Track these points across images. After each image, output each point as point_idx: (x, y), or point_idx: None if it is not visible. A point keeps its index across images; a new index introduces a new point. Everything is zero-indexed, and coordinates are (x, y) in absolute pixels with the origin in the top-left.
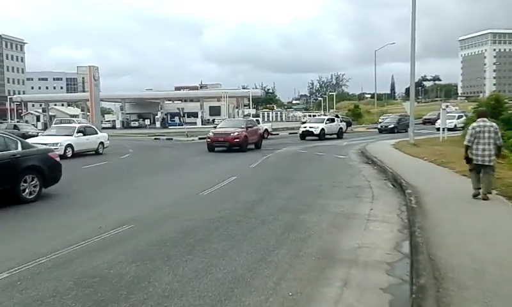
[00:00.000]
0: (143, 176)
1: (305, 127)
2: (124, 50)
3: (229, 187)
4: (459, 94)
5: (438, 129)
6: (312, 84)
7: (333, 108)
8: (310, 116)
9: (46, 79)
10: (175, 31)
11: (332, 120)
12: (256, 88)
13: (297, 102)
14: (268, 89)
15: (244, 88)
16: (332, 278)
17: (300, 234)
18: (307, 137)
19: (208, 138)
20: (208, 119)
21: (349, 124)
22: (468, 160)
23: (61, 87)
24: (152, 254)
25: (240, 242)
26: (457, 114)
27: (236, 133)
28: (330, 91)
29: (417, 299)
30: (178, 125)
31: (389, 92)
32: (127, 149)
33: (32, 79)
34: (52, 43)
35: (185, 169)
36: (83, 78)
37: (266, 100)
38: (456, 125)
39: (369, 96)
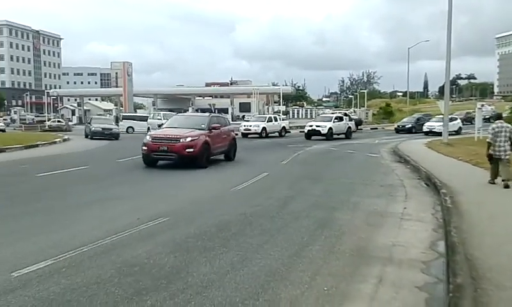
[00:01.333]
0: (176, 171)
1: (311, 126)
2: (156, 47)
3: (261, 183)
4: (495, 94)
5: (426, 133)
6: (343, 81)
7: (364, 106)
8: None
9: (81, 74)
10: (207, 27)
11: (340, 119)
12: (286, 85)
13: (328, 99)
14: (298, 87)
15: (274, 85)
16: (367, 275)
17: (333, 231)
18: (313, 137)
19: (145, 145)
20: (238, 116)
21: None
22: (490, 158)
23: (95, 82)
24: (189, 246)
25: (274, 237)
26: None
27: (189, 139)
28: (361, 89)
29: (454, 298)
30: None
31: (422, 90)
32: None
33: (67, 74)
34: (87, 38)
35: (217, 164)
36: (116, 73)
37: (296, 97)
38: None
39: (401, 94)
